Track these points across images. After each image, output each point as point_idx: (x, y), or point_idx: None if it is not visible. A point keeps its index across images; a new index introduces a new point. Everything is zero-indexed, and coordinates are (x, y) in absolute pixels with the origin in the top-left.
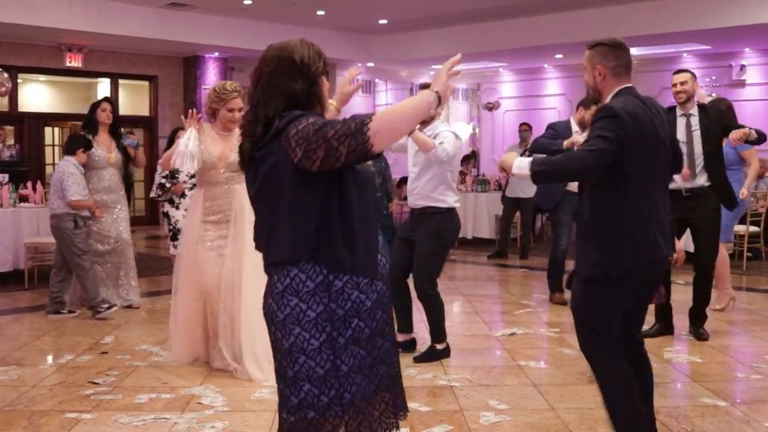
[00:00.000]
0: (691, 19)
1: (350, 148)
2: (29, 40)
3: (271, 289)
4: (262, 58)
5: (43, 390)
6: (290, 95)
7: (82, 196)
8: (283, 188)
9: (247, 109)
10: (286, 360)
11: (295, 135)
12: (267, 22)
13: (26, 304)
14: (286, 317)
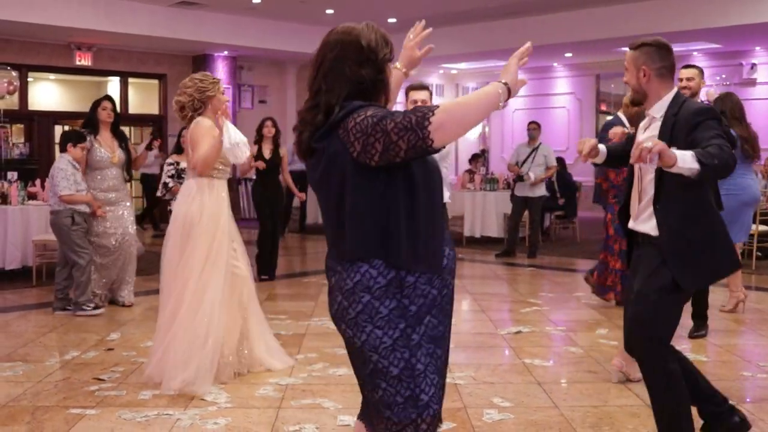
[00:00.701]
0: (701, 18)
1: (410, 144)
2: (39, 38)
3: (340, 285)
4: (325, 42)
5: (48, 386)
6: (356, 82)
7: (72, 190)
8: (345, 181)
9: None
10: (359, 359)
11: (354, 128)
12: (276, 20)
13: (34, 300)
14: (357, 314)
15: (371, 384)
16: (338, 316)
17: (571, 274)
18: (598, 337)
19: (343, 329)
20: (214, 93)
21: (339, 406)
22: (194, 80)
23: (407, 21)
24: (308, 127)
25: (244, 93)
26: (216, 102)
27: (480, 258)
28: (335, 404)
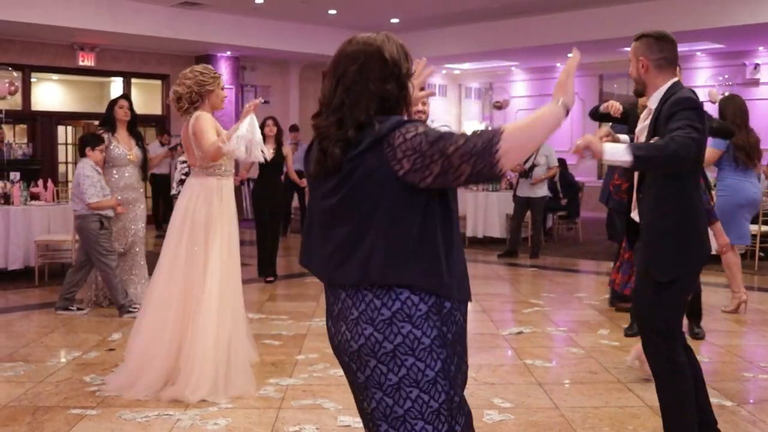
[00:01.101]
0: (704, 18)
1: (475, 169)
2: (42, 39)
3: (370, 315)
4: (345, 54)
5: (49, 386)
6: (381, 98)
7: (100, 197)
8: (380, 201)
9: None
10: (393, 397)
11: (402, 145)
12: (279, 20)
13: (36, 301)
14: (396, 347)
15: (403, 423)
16: (365, 351)
17: (574, 275)
18: (599, 338)
19: (373, 366)
20: (214, 88)
21: (339, 407)
22: (195, 72)
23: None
24: (335, 143)
25: (247, 93)
26: (214, 97)
27: (482, 258)
28: (336, 405)
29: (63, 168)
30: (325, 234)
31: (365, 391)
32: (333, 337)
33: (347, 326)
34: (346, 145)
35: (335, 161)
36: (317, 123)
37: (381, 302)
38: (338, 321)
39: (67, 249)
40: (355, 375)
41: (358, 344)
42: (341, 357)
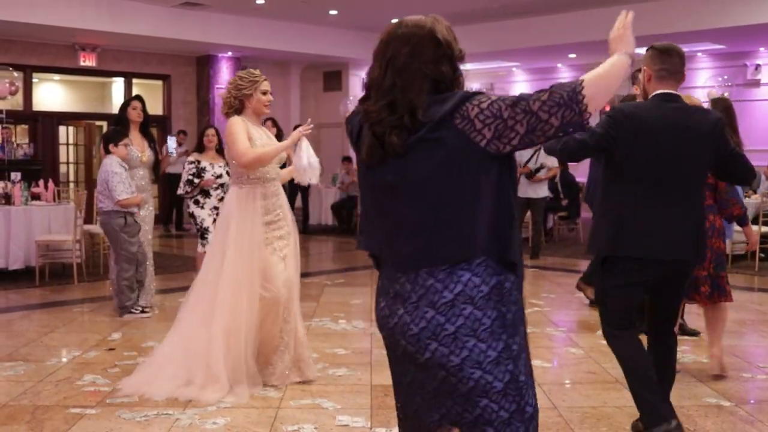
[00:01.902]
0: (705, 18)
1: (564, 120)
2: (43, 39)
3: (431, 299)
4: (395, 36)
5: (48, 385)
6: (436, 80)
7: (128, 194)
8: (459, 176)
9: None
10: (455, 377)
11: (480, 114)
12: (279, 21)
13: (37, 300)
14: (457, 329)
15: (465, 404)
16: (426, 335)
17: (574, 275)
18: (598, 338)
19: (433, 349)
20: (252, 92)
21: (338, 407)
22: (236, 78)
23: None
24: (390, 129)
25: None
26: (255, 102)
27: None
28: (334, 404)
29: (64, 168)
30: (393, 216)
31: (425, 371)
32: (386, 318)
33: (406, 310)
34: (403, 129)
35: (395, 146)
36: (367, 107)
37: (442, 285)
38: (395, 303)
39: (67, 249)
40: (413, 357)
41: (418, 327)
42: (396, 339)
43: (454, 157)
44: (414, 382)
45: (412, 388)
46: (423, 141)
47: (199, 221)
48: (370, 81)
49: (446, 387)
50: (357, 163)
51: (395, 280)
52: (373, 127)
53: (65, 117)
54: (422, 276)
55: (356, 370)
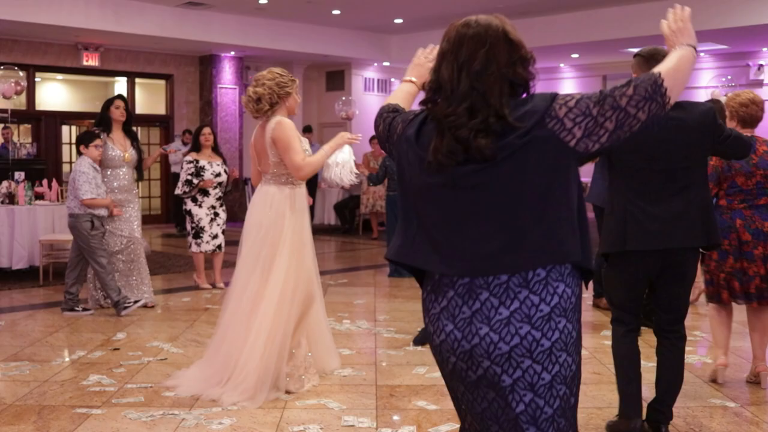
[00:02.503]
0: (707, 19)
1: (651, 112)
2: (46, 39)
3: (527, 312)
4: (467, 37)
5: (54, 385)
6: (512, 82)
7: (95, 194)
8: (548, 180)
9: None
10: (544, 397)
11: (569, 113)
12: (283, 21)
13: (41, 300)
14: (553, 344)
15: (552, 423)
16: (519, 352)
17: None
18: (603, 338)
19: (526, 366)
20: (292, 91)
21: (344, 407)
22: (273, 73)
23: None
24: (476, 133)
25: None
26: (292, 101)
27: None
28: (340, 405)
29: (67, 168)
30: (471, 221)
31: (510, 394)
32: (459, 341)
33: (492, 328)
34: (490, 133)
35: (483, 149)
36: (441, 110)
37: (539, 298)
38: (472, 323)
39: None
40: (498, 378)
41: (510, 345)
42: (477, 362)
43: (545, 159)
44: (490, 409)
45: (487, 416)
46: (515, 143)
47: (196, 220)
48: (438, 83)
49: (530, 412)
50: (404, 169)
51: (474, 297)
52: (454, 131)
53: (68, 116)
54: (515, 289)
55: (361, 371)
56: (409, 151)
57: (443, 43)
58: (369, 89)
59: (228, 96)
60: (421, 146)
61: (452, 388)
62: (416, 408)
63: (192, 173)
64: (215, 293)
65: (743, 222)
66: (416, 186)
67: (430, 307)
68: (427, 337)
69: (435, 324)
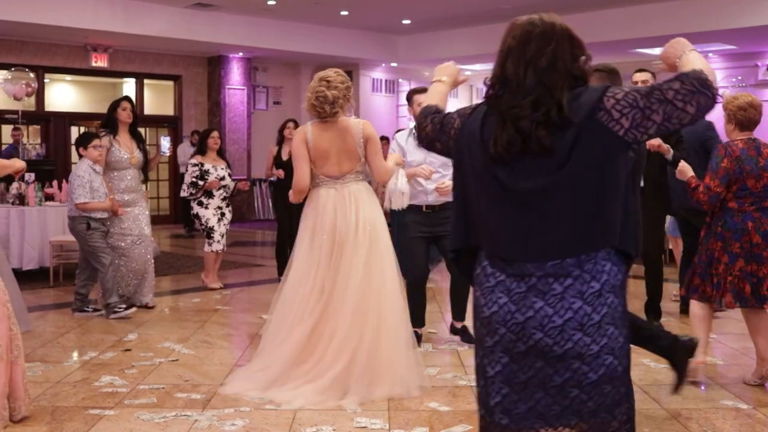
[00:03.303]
0: (716, 19)
1: (700, 105)
2: (55, 40)
3: (579, 289)
4: (533, 34)
5: (67, 386)
6: (574, 77)
7: (88, 198)
8: (602, 170)
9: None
10: (590, 365)
11: (617, 105)
12: (291, 21)
13: (51, 301)
14: (602, 318)
15: (592, 391)
16: (571, 325)
17: None
18: None
19: (577, 339)
20: (351, 97)
21: (357, 409)
22: (343, 77)
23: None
24: (538, 125)
25: (259, 94)
26: (348, 106)
27: None
28: (353, 406)
29: None
30: (528, 209)
31: (559, 363)
32: (512, 313)
33: (547, 302)
34: (550, 125)
35: (542, 140)
36: (505, 103)
37: (590, 276)
38: (526, 297)
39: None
40: (550, 348)
41: (563, 318)
42: (527, 334)
43: (596, 148)
44: (536, 377)
45: (533, 383)
46: (570, 134)
47: (204, 221)
48: (503, 78)
49: (576, 377)
50: (465, 160)
51: (529, 274)
52: (516, 122)
53: (77, 117)
54: (568, 268)
55: None
56: (472, 143)
57: (508, 39)
58: (377, 90)
59: (236, 97)
60: (484, 138)
61: (491, 361)
62: (428, 409)
63: (197, 176)
64: (225, 294)
65: (754, 224)
66: (477, 176)
67: (483, 281)
68: (476, 309)
69: (488, 296)
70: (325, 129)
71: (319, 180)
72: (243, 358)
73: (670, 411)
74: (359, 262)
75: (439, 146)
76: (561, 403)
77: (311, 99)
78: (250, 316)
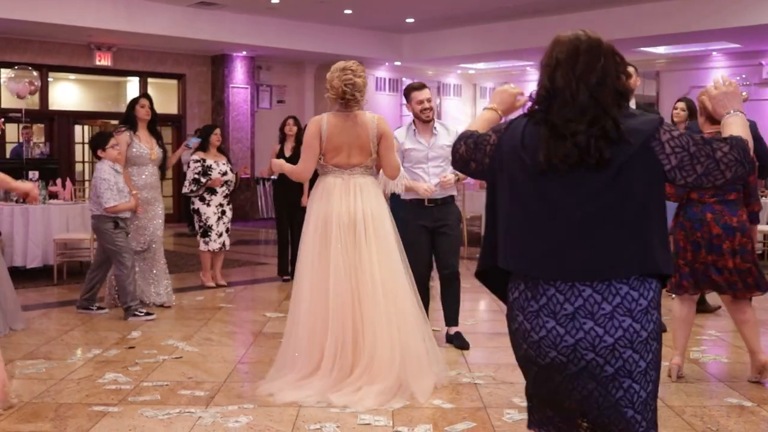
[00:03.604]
0: (720, 18)
1: (737, 174)
2: (59, 39)
3: (628, 306)
4: (581, 50)
5: (71, 383)
6: (622, 94)
7: (117, 200)
8: (649, 193)
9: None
10: (640, 382)
11: (671, 141)
12: (294, 20)
13: (55, 299)
14: (649, 334)
15: (645, 404)
16: (622, 343)
17: None
18: None
19: (627, 356)
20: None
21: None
22: (361, 66)
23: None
24: (596, 139)
25: (263, 93)
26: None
27: None
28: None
29: (80, 167)
30: (578, 229)
31: (611, 383)
32: (561, 337)
33: (596, 322)
34: (607, 140)
35: (604, 155)
36: (558, 116)
37: (638, 293)
38: (575, 319)
39: (85, 248)
40: (601, 369)
41: (614, 337)
42: (581, 356)
43: (645, 174)
44: (591, 396)
45: (589, 402)
46: (624, 154)
47: (204, 219)
48: (552, 90)
49: (628, 396)
50: (504, 175)
51: (576, 294)
52: (574, 136)
53: (81, 116)
54: (616, 285)
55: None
56: (512, 156)
57: (555, 52)
58: (380, 89)
59: (240, 95)
60: (527, 150)
61: (545, 380)
62: (432, 407)
63: (199, 172)
64: (229, 292)
65: (713, 216)
66: (519, 190)
67: (525, 305)
68: (521, 333)
69: (533, 321)
70: (343, 120)
71: (327, 169)
72: (246, 356)
73: (675, 408)
74: (371, 251)
75: (474, 165)
76: (614, 422)
77: (340, 87)
78: (254, 314)
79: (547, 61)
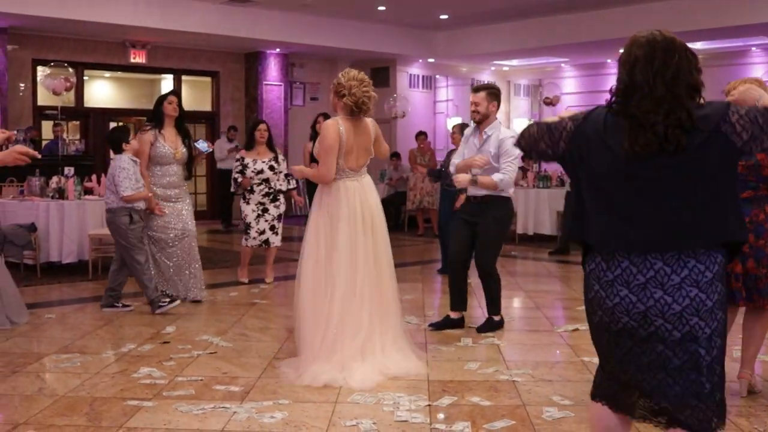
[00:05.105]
0: (760, 11)
1: None
2: (95, 36)
3: (695, 278)
4: (659, 47)
5: (105, 378)
6: (695, 88)
7: (134, 189)
8: (723, 172)
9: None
10: (704, 348)
11: (740, 120)
12: (328, 17)
13: (90, 294)
14: (714, 303)
15: (710, 367)
16: (689, 311)
17: None
18: None
19: (693, 323)
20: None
21: (397, 402)
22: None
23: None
24: (673, 129)
25: (296, 90)
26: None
27: (533, 255)
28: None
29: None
30: (654, 205)
31: (678, 346)
32: (633, 304)
33: (666, 291)
34: (683, 129)
35: (681, 142)
36: (638, 109)
37: (704, 266)
38: (646, 288)
39: None
40: (669, 333)
41: (681, 306)
42: (651, 321)
43: (718, 155)
44: (659, 359)
45: (656, 364)
46: (699, 140)
47: (243, 216)
48: (631, 85)
49: (661, 360)
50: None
51: (648, 266)
52: (653, 126)
53: (116, 113)
54: (684, 259)
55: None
56: (592, 142)
57: (633, 50)
58: (414, 86)
59: (273, 93)
60: (610, 138)
61: (617, 344)
62: (470, 404)
63: (239, 171)
64: (263, 288)
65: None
66: (602, 173)
67: (601, 275)
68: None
69: (608, 289)
70: (354, 125)
71: (344, 173)
72: (281, 351)
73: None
74: (378, 240)
75: (543, 146)
76: (649, 383)
77: (361, 98)
78: (287, 309)
79: (626, 59)
